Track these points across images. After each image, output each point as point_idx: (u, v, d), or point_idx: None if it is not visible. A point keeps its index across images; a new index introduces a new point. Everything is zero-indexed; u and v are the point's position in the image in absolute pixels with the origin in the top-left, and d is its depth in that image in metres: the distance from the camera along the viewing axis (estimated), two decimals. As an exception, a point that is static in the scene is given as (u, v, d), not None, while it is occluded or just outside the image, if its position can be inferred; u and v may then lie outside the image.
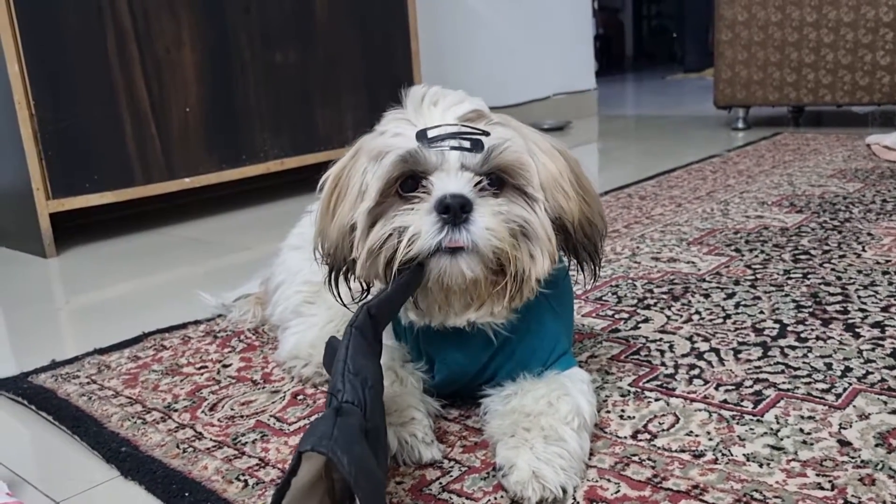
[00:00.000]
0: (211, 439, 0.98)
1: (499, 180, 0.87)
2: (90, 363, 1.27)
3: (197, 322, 1.41)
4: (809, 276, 1.41)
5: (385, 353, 0.95)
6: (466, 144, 0.85)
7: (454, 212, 0.82)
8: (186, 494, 0.86)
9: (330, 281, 0.94)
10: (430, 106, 0.89)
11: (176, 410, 1.07)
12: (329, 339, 0.85)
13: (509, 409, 0.88)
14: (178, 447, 0.97)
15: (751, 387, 1.01)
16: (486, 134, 0.86)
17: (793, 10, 3.02)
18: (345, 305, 0.95)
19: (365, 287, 0.93)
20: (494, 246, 0.83)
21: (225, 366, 1.22)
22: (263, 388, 1.13)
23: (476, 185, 0.85)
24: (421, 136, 0.85)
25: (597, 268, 0.96)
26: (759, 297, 1.32)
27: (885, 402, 0.94)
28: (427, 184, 0.85)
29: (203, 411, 1.06)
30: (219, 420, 1.03)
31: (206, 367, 1.22)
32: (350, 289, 0.94)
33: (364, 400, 0.69)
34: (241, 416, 1.04)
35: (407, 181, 0.86)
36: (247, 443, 0.96)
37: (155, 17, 2.20)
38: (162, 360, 1.26)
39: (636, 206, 2.05)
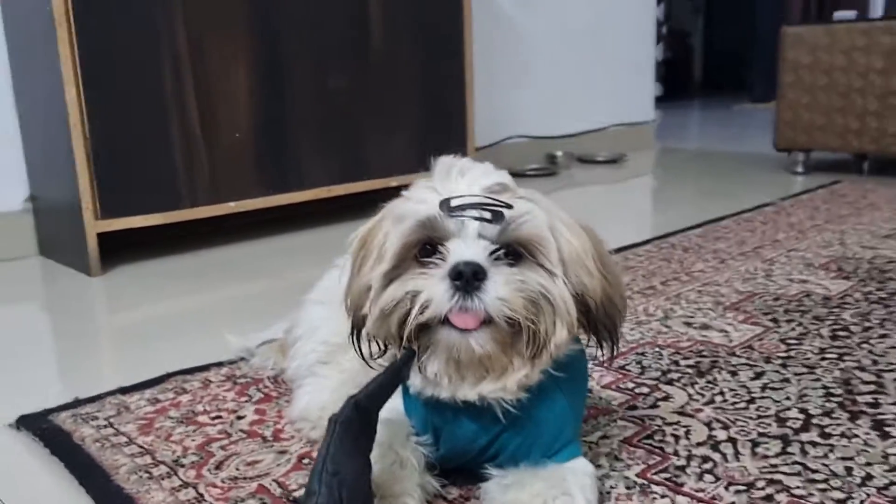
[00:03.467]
0: (211, 503, 0.99)
1: (516, 253, 0.87)
2: (111, 403, 1.29)
3: (220, 364, 1.43)
4: (845, 357, 1.36)
5: (387, 429, 0.95)
6: (487, 215, 0.86)
7: (467, 278, 0.83)
8: (176, 566, 0.86)
9: (352, 336, 0.95)
10: (457, 176, 0.90)
11: (183, 466, 1.08)
12: (330, 417, 0.85)
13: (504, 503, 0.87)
14: (177, 509, 0.97)
15: (763, 489, 0.97)
16: (509, 207, 0.86)
17: (859, 56, 2.93)
18: (366, 362, 0.96)
19: (382, 347, 0.94)
20: (507, 316, 0.84)
21: (239, 417, 1.23)
22: (272, 446, 1.13)
23: (492, 254, 0.85)
24: (444, 204, 0.86)
25: (615, 346, 0.95)
26: (788, 380, 1.28)
27: (903, 522, 0.89)
28: (444, 250, 0.86)
29: (209, 469, 1.07)
30: (222, 481, 1.04)
31: (221, 416, 1.23)
32: (370, 347, 0.95)
33: (340, 503, 0.69)
34: (245, 478, 1.04)
35: (426, 247, 0.88)
36: (245, 510, 0.97)
37: (211, 44, 2.24)
38: (180, 405, 1.28)
39: (677, 259, 2.01)
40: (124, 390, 1.34)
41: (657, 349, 1.43)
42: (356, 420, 0.76)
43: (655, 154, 4.08)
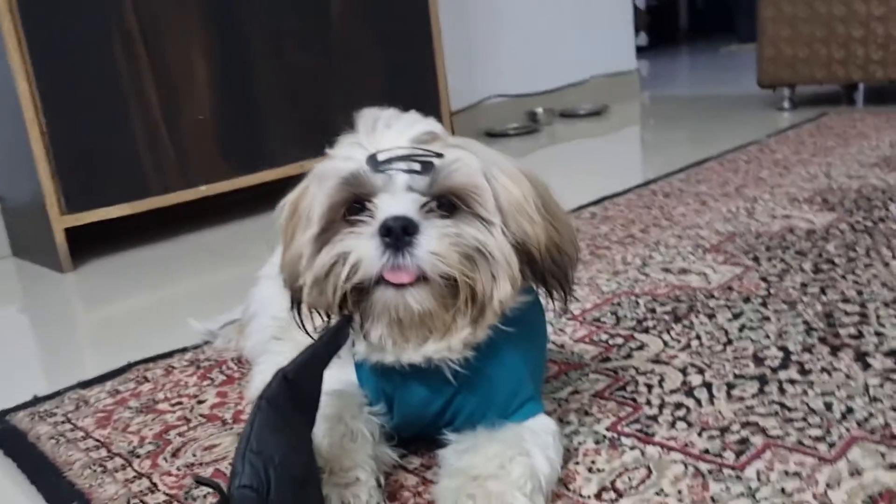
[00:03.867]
0: (164, 493, 0.95)
1: (450, 204, 0.82)
2: (70, 398, 1.25)
3: (184, 350, 1.39)
4: (828, 290, 1.30)
5: (337, 400, 0.91)
6: (416, 166, 0.80)
7: (396, 234, 0.78)
8: (122, 561, 0.82)
9: (293, 310, 0.91)
10: (382, 129, 0.85)
11: (138, 456, 1.04)
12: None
13: (458, 470, 0.82)
14: (128, 502, 0.93)
15: (737, 432, 0.92)
16: (440, 156, 0.81)
17: (839, -17, 2.84)
18: (309, 335, 0.91)
19: (326, 318, 0.89)
20: (442, 271, 0.79)
21: (200, 402, 1.18)
22: (231, 429, 1.09)
23: (424, 207, 0.80)
24: (370, 159, 0.81)
25: (567, 296, 0.90)
26: (767, 318, 1.22)
27: (883, 455, 0.84)
28: (372, 207, 0.81)
29: (165, 457, 1.03)
30: (178, 468, 1.00)
31: (181, 403, 1.19)
32: (313, 319, 0.91)
33: (267, 481, 0.64)
34: (201, 464, 1.00)
35: (354, 206, 0.83)
36: (198, 497, 0.93)
37: (164, 26, 2.17)
38: (140, 394, 1.24)
39: (658, 206, 1.95)
40: (84, 384, 1.30)
41: (633, 298, 1.38)
42: (284, 394, 0.71)
43: (641, 103, 4.00)
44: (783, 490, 0.81)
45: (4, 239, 2.33)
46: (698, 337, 1.19)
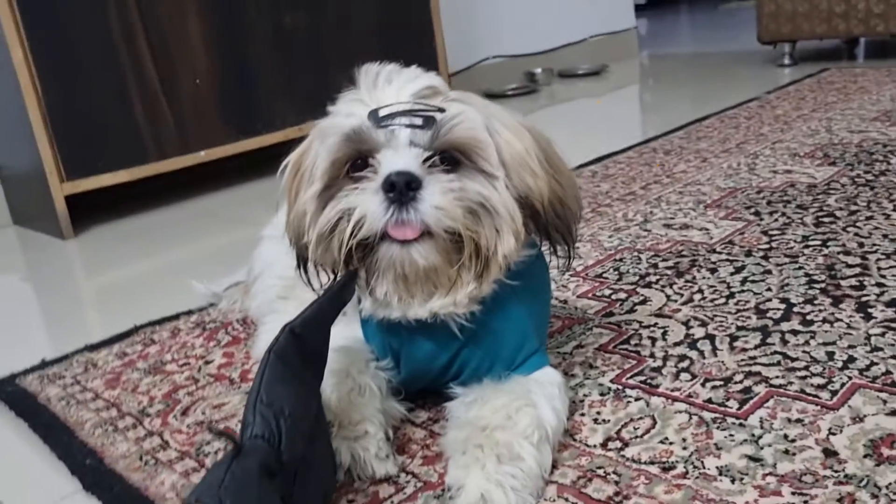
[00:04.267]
0: (175, 449, 0.96)
1: (453, 159, 0.82)
2: (78, 361, 1.26)
3: (189, 312, 1.40)
4: (829, 243, 1.31)
5: (344, 356, 0.92)
6: (417, 121, 0.80)
7: (400, 189, 0.78)
8: (137, 515, 0.84)
9: (299, 268, 0.92)
10: (383, 85, 0.85)
11: (148, 415, 1.06)
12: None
13: (466, 421, 0.83)
14: (140, 459, 0.95)
15: (740, 382, 0.93)
16: (442, 111, 0.81)
17: (840, -65, 2.80)
18: (316, 293, 0.92)
19: (332, 275, 0.90)
20: (446, 226, 0.79)
21: (207, 362, 1.20)
22: (239, 387, 1.10)
23: (427, 161, 0.80)
24: (372, 115, 0.81)
25: (571, 251, 0.91)
26: (769, 271, 1.23)
27: (885, 402, 0.85)
28: (375, 163, 0.81)
29: (175, 416, 1.04)
30: (188, 426, 1.01)
31: (189, 363, 1.20)
32: (319, 277, 0.91)
33: (278, 432, 0.65)
34: (211, 421, 1.02)
35: (357, 162, 0.83)
36: (209, 453, 0.94)
37: (158, -12, 2.15)
38: (147, 356, 1.25)
39: (659, 163, 1.95)
40: (92, 347, 1.31)
41: (636, 253, 1.39)
42: (292, 347, 0.72)
43: (640, 62, 3.97)
44: (786, 436, 0.82)
45: (5, 207, 2.33)
46: (701, 291, 1.20)
